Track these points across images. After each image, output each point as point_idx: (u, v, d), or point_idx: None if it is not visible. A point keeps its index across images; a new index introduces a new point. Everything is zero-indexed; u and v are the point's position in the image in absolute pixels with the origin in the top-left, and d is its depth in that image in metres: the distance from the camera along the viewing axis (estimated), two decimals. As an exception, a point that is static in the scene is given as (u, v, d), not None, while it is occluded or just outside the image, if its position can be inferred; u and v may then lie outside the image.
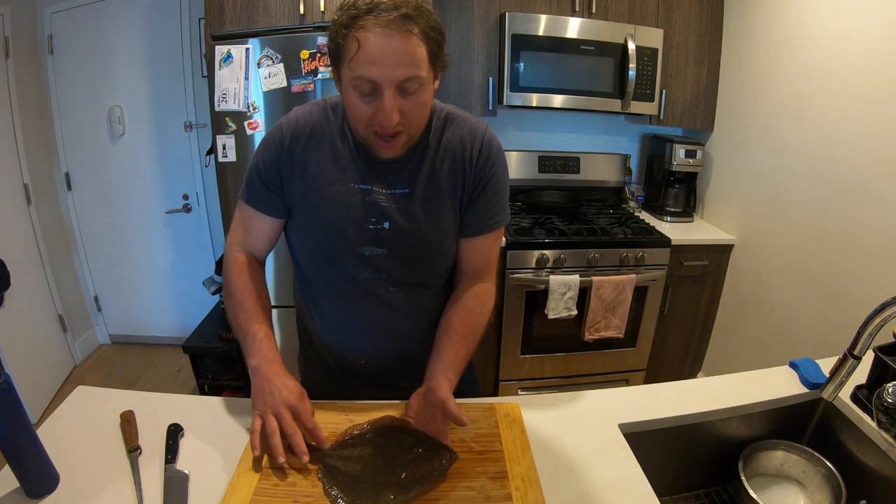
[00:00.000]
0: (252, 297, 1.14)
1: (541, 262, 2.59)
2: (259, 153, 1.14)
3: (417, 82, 0.95)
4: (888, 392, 1.07)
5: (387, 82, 0.92)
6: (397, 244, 1.13)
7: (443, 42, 0.98)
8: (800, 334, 2.40)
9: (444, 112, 1.14)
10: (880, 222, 1.99)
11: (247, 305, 1.12)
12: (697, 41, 2.84)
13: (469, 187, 1.15)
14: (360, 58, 0.90)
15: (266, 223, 1.18)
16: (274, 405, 0.97)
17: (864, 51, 2.03)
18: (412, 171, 1.11)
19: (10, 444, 0.84)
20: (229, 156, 2.29)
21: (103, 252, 3.37)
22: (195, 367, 2.85)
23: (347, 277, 1.16)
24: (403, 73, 0.92)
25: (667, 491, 1.25)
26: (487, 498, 0.90)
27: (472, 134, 1.14)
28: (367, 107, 0.96)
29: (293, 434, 0.94)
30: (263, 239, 1.21)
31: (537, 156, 3.13)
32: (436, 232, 1.15)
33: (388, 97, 0.93)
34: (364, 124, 0.99)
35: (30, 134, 2.85)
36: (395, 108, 0.94)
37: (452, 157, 1.13)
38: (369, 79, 0.92)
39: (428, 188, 1.12)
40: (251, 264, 1.20)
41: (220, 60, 2.19)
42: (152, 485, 0.92)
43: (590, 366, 2.89)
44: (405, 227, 1.12)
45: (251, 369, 1.04)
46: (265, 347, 1.06)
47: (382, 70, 0.91)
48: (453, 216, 1.16)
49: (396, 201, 1.11)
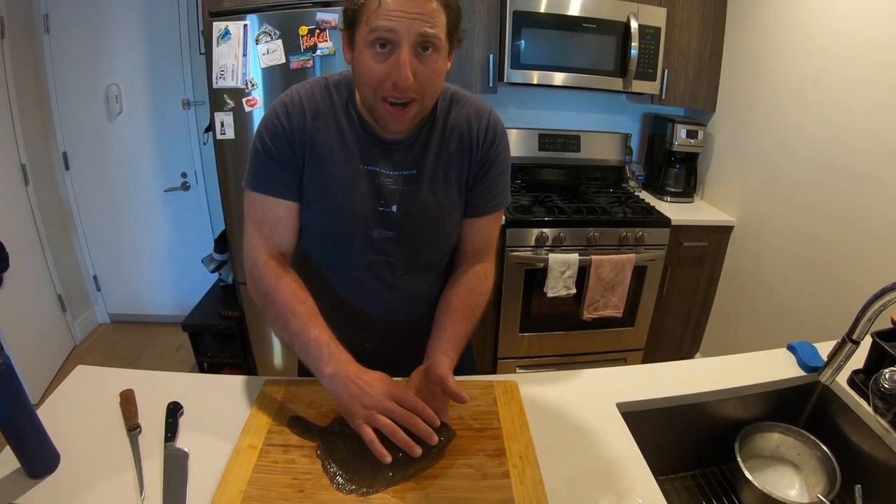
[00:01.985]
0: (300, 300, 1.05)
1: (540, 240, 2.59)
2: (265, 134, 1.07)
3: (434, 44, 0.93)
4: (885, 378, 1.07)
5: (405, 35, 0.90)
6: (405, 226, 1.12)
7: (460, 19, 0.97)
8: (798, 317, 2.40)
9: (449, 92, 1.13)
10: (882, 207, 1.98)
11: (298, 310, 1.03)
12: (701, 21, 2.81)
13: (474, 168, 1.14)
14: (380, 11, 0.89)
15: (285, 209, 1.10)
16: (376, 403, 0.92)
17: (869, 35, 2.00)
18: (419, 152, 1.10)
19: (11, 424, 0.84)
20: (228, 133, 2.28)
21: (102, 231, 3.36)
22: (194, 345, 2.87)
23: (354, 262, 1.15)
24: (422, 27, 0.90)
25: (663, 470, 1.26)
26: (485, 475, 0.91)
27: (478, 115, 1.13)
28: (381, 66, 0.93)
29: (414, 423, 0.91)
30: (287, 228, 1.11)
31: (537, 134, 3.11)
32: (442, 213, 1.14)
33: (405, 52, 0.91)
34: (374, 87, 0.95)
35: (27, 114, 2.82)
36: (410, 67, 0.92)
37: (459, 138, 1.11)
38: (388, 28, 0.89)
39: (435, 169, 1.11)
40: (284, 265, 1.11)
41: (218, 37, 2.16)
42: (152, 463, 0.92)
43: (588, 345, 2.91)
44: (413, 210, 1.11)
45: (328, 378, 0.96)
46: (336, 350, 0.98)
47: (402, 22, 0.89)
48: (459, 197, 1.15)
49: (404, 183, 1.10)
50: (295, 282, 1.08)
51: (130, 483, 0.88)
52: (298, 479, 0.88)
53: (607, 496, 0.91)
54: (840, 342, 1.14)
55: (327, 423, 1.00)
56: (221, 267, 3.03)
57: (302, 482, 0.88)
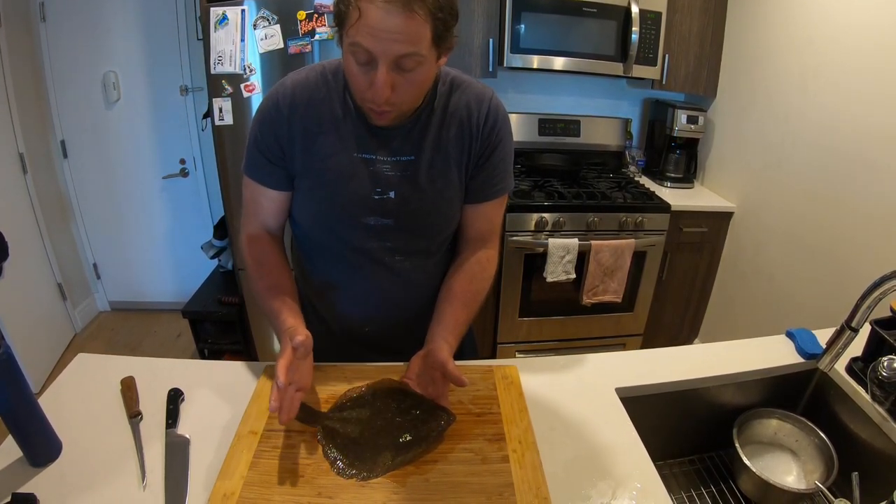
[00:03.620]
0: (261, 274, 1.11)
1: (540, 225, 2.59)
2: (256, 125, 1.09)
3: (416, 60, 0.90)
4: (883, 366, 1.07)
5: (382, 56, 0.87)
6: (403, 213, 1.12)
7: (452, 24, 0.92)
8: (797, 304, 2.41)
9: (449, 77, 1.11)
10: (882, 193, 1.98)
11: (258, 286, 1.11)
12: (702, 6, 2.78)
13: (475, 154, 1.13)
14: (359, 26, 0.85)
15: (272, 197, 1.13)
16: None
17: (870, 23, 1.99)
18: (418, 138, 1.09)
19: (12, 413, 0.85)
20: (226, 119, 2.26)
21: (101, 219, 3.35)
22: (195, 331, 2.88)
23: (352, 248, 1.15)
24: (400, 50, 0.87)
25: (661, 456, 1.27)
26: (485, 459, 0.92)
27: (478, 100, 1.11)
28: (362, 76, 0.92)
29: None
30: (274, 213, 1.16)
31: (537, 118, 3.09)
32: (441, 199, 1.13)
33: (382, 72, 0.88)
34: (360, 96, 0.97)
35: (24, 103, 2.80)
36: (388, 84, 0.90)
37: (459, 124, 1.10)
38: (365, 48, 0.87)
39: (434, 155, 1.10)
40: (261, 239, 1.15)
41: (216, 22, 2.14)
42: (154, 450, 0.93)
43: (587, 329, 2.92)
44: (411, 196, 1.10)
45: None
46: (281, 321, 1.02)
47: (380, 42, 0.86)
48: (458, 183, 1.14)
49: (401, 169, 1.09)
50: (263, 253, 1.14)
51: (132, 470, 0.89)
52: (299, 465, 0.89)
53: (606, 481, 0.91)
54: (839, 329, 1.14)
55: (328, 409, 1.01)
56: (221, 253, 3.03)
57: (303, 467, 0.89)
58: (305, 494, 0.84)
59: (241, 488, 0.84)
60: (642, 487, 0.91)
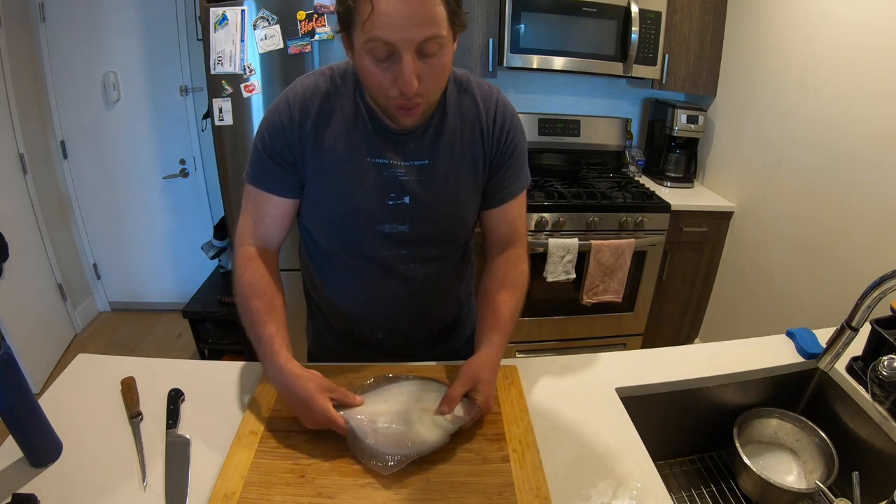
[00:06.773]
0: (256, 293, 1.05)
1: (540, 224, 2.59)
2: (265, 130, 1.05)
3: (438, 43, 0.86)
4: (884, 365, 1.07)
5: (405, 44, 0.84)
6: (418, 219, 1.09)
7: (460, 2, 0.90)
8: (797, 303, 2.41)
9: (455, 77, 1.09)
10: (882, 192, 1.97)
11: (251, 304, 1.04)
12: (702, 5, 2.78)
13: (489, 157, 1.11)
14: (374, 19, 0.81)
15: (279, 206, 1.09)
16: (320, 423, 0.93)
17: (869, 21, 1.99)
18: (431, 141, 1.06)
19: (13, 414, 0.85)
20: (226, 119, 2.27)
21: (101, 219, 3.35)
22: (195, 331, 2.88)
23: (366, 256, 1.12)
24: (423, 34, 0.83)
25: (662, 455, 1.27)
26: (485, 460, 0.92)
27: (486, 102, 1.09)
28: (384, 73, 0.88)
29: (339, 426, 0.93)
30: (277, 224, 1.11)
31: (537, 118, 3.09)
32: (456, 203, 1.11)
33: (407, 61, 0.85)
34: (382, 94, 0.92)
35: (24, 103, 2.80)
36: (415, 73, 0.86)
37: (471, 126, 1.08)
38: (385, 41, 0.83)
39: (447, 159, 1.07)
40: (258, 257, 1.09)
41: (216, 23, 2.15)
42: (154, 450, 0.93)
43: (587, 329, 2.92)
44: (426, 201, 1.08)
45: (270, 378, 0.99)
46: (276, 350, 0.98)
47: (399, 31, 0.82)
48: (473, 186, 1.12)
49: (416, 174, 1.06)
50: (258, 274, 1.08)
51: (133, 470, 0.89)
52: (300, 465, 0.89)
53: (606, 480, 0.91)
54: (839, 329, 1.14)
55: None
56: (221, 253, 3.03)
57: (303, 467, 0.89)
58: (305, 494, 0.84)
59: (242, 488, 0.84)
60: (643, 487, 0.91)
